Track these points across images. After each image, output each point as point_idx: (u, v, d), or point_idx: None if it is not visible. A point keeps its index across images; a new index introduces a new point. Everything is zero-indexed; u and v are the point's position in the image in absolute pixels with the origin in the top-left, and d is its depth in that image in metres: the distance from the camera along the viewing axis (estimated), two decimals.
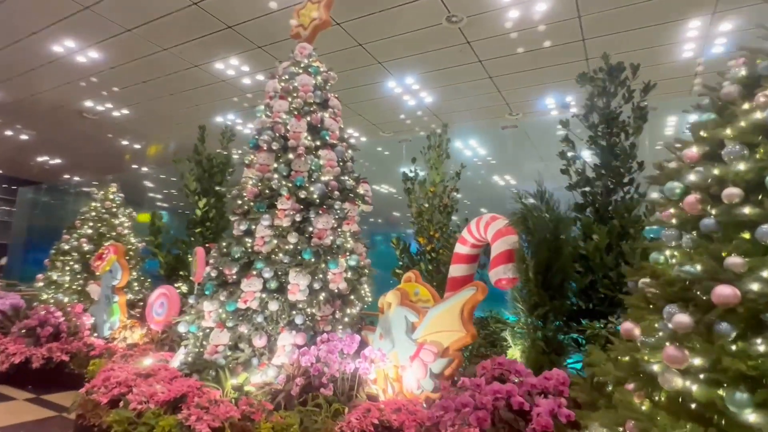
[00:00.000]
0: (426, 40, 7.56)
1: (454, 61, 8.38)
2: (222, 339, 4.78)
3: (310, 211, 5.14)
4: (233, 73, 8.98)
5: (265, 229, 5.08)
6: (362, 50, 8.17)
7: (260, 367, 4.63)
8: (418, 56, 8.26)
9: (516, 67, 8.39)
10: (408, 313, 4.47)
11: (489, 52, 8.00)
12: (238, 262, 5.08)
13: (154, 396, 3.82)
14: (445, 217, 5.99)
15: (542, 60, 8.07)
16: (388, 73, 8.95)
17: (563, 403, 2.24)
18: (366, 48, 8.09)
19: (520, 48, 7.62)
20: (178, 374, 4.37)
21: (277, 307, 4.87)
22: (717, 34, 7.29)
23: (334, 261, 5.06)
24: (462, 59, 8.26)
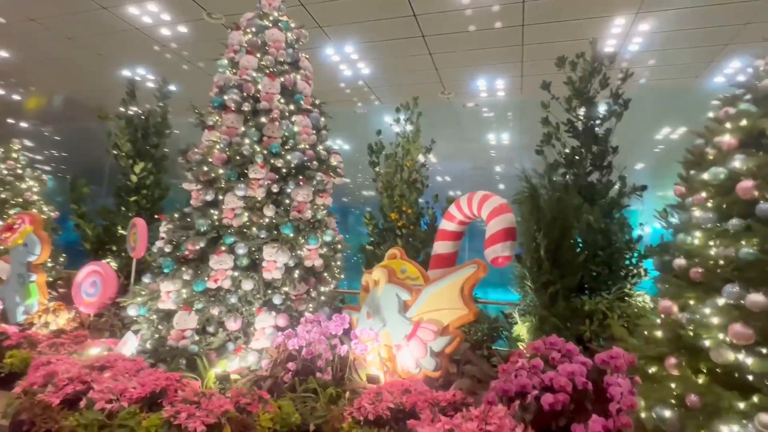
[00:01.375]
0: (372, 7, 7.08)
1: (397, 34, 8.03)
2: (189, 323, 4.24)
3: (288, 182, 4.69)
4: (150, 20, 7.71)
5: (236, 200, 4.54)
6: (303, 10, 7.51)
7: (236, 352, 4.20)
8: (362, 24, 7.76)
9: (456, 46, 8.24)
10: (399, 291, 4.32)
11: (433, 28, 7.75)
12: (205, 236, 4.50)
13: (125, 392, 3.26)
14: (416, 193, 5.87)
15: (481, 41, 8.02)
16: (327, 39, 8.37)
17: (637, 381, 2.29)
18: (307, 8, 7.43)
19: (464, 26, 7.45)
20: (144, 365, 3.79)
21: (252, 287, 4.43)
22: (636, 33, 7.74)
23: (314, 236, 4.71)
24: (406, 32, 7.95)
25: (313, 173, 4.78)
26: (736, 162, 2.54)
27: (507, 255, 4.17)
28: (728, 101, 2.81)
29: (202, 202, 4.79)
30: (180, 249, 4.67)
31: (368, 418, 3.21)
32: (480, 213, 4.44)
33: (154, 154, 6.61)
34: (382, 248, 5.89)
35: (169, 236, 4.75)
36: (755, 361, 2.19)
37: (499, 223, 4.23)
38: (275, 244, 4.49)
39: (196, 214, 4.66)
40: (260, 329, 4.29)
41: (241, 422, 3.19)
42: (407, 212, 5.77)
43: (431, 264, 4.93)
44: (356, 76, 9.82)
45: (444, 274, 4.12)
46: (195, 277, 4.37)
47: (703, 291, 2.50)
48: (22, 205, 6.42)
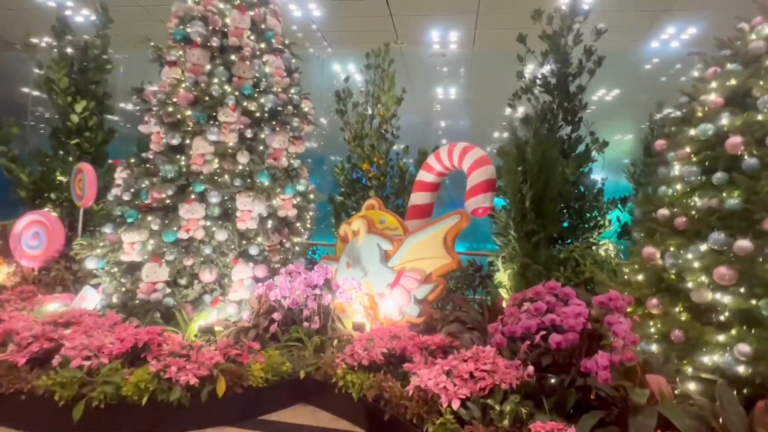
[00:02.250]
0: None
1: None
2: (160, 275, 3.99)
3: (263, 128, 4.41)
4: None
5: (207, 146, 4.22)
6: None
7: (213, 304, 4.06)
8: None
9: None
10: (380, 241, 4.33)
11: None
12: (173, 183, 4.17)
13: (102, 348, 3.06)
14: (387, 144, 5.76)
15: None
16: None
17: (636, 319, 2.49)
18: None
19: None
20: (117, 320, 3.55)
21: (226, 237, 4.23)
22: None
23: (290, 185, 4.53)
24: None
25: (289, 118, 4.52)
26: (723, 119, 2.71)
27: (487, 206, 4.28)
28: (715, 62, 2.96)
29: (165, 147, 4.41)
30: (141, 197, 4.32)
31: (362, 364, 3.27)
32: (461, 164, 4.47)
33: (95, 92, 5.90)
34: (352, 199, 5.81)
35: (128, 183, 4.36)
36: (732, 300, 2.45)
37: (480, 175, 4.29)
38: (250, 193, 4.27)
39: (159, 160, 4.28)
40: (238, 281, 4.14)
41: (234, 373, 3.12)
42: (379, 163, 5.68)
43: (408, 215, 4.95)
44: (308, 19, 9.24)
45: (426, 224, 4.16)
46: (164, 227, 4.08)
47: (686, 238, 2.72)
48: None
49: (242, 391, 3.10)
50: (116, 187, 4.62)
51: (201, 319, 3.76)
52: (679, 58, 9.24)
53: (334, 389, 3.24)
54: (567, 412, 2.45)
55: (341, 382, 3.21)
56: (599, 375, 2.12)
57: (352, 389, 3.15)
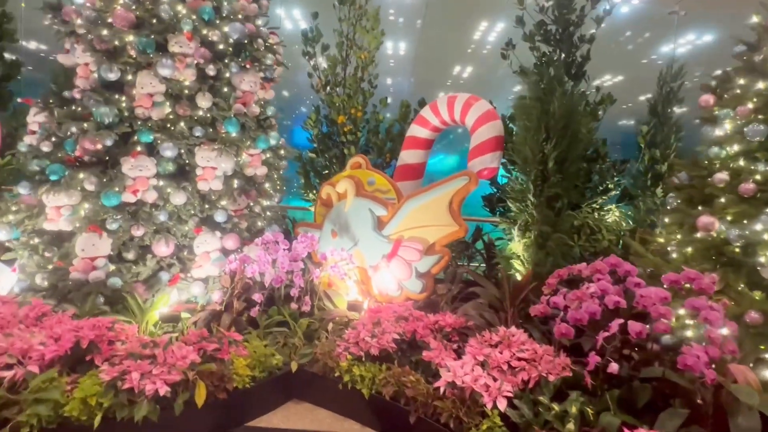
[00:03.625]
0: None
1: None
2: (101, 248, 3.14)
3: (229, 65, 3.53)
4: None
5: (156, 83, 3.30)
6: None
7: (172, 283, 3.29)
8: None
9: None
10: (372, 205, 3.73)
11: None
12: (112, 131, 3.24)
13: (29, 352, 2.26)
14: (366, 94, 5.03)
15: None
16: None
17: (727, 303, 2.15)
18: None
19: None
20: (46, 309, 2.71)
21: (185, 200, 3.42)
22: None
23: (263, 137, 3.75)
24: None
25: (261, 54, 3.67)
26: None
27: (495, 166, 3.80)
28: None
29: (97, 83, 3.42)
30: (66, 148, 3.36)
31: (370, 353, 2.75)
32: (463, 119, 3.92)
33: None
34: (326, 156, 5.09)
35: (47, 130, 3.36)
36: None
37: (488, 131, 3.78)
38: (215, 146, 3.45)
39: (90, 100, 3.31)
40: (203, 254, 3.38)
41: (215, 375, 2.47)
42: (357, 115, 4.97)
43: (397, 175, 4.36)
44: None
45: (427, 187, 3.60)
46: (102, 188, 3.18)
47: (753, 206, 2.40)
48: None
49: (225, 396, 2.46)
50: (30, 134, 3.60)
51: (161, 303, 3.00)
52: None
53: (337, 384, 2.70)
54: (636, 409, 2.10)
55: (347, 377, 2.67)
56: (707, 375, 1.75)
57: (362, 384, 2.63)
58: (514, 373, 2.44)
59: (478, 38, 18.92)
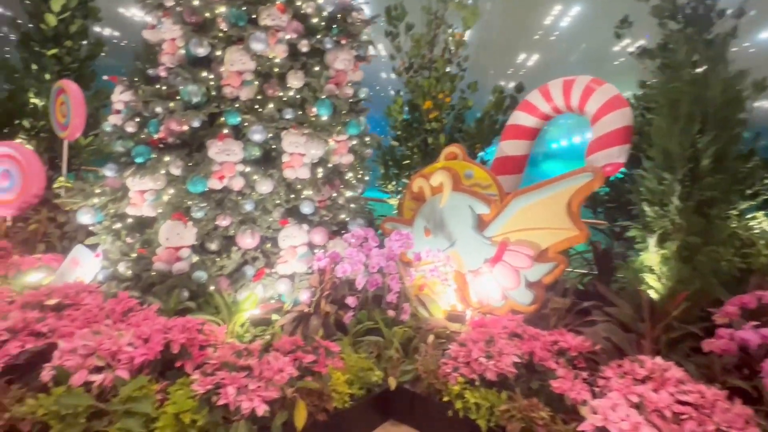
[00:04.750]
0: None
1: None
2: (186, 238, 2.91)
3: (324, 41, 3.18)
4: None
5: (247, 60, 3.01)
6: None
7: (256, 279, 3.03)
8: None
9: None
10: (473, 202, 3.30)
11: None
12: (199, 111, 2.99)
13: (118, 354, 2.03)
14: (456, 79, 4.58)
15: None
16: None
17: None
18: None
19: None
20: (132, 304, 2.50)
21: (271, 188, 3.14)
22: None
23: (354, 122, 3.40)
24: None
25: (358, 28, 3.31)
26: None
27: (621, 162, 3.26)
28: None
29: (183, 59, 3.19)
30: (150, 128, 3.16)
31: (485, 377, 2.35)
32: (583, 106, 3.39)
33: None
34: (409, 145, 4.70)
35: (133, 109, 3.17)
36: None
37: (615, 120, 3.23)
38: (305, 130, 3.13)
39: (177, 77, 3.08)
40: (288, 248, 3.09)
41: (314, 392, 2.15)
42: (445, 101, 4.53)
43: (495, 168, 3.89)
44: None
45: (540, 184, 3.12)
46: (188, 172, 2.95)
47: None
48: None
49: (325, 418, 2.14)
50: (115, 113, 3.44)
51: (249, 302, 2.73)
52: None
53: (446, 410, 2.32)
54: None
55: (459, 403, 2.29)
56: None
57: (477, 414, 2.23)
58: (677, 421, 1.96)
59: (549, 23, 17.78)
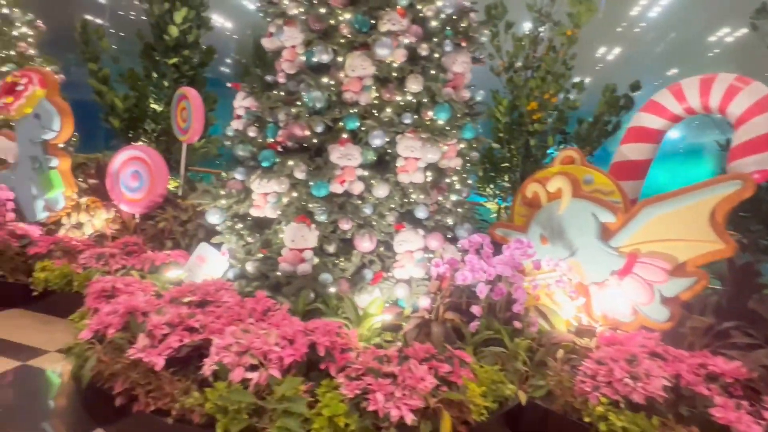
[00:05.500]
0: None
1: None
2: (309, 240, 2.99)
3: (443, 44, 3.15)
4: None
5: (369, 65, 3.04)
6: None
7: (374, 282, 3.05)
8: None
9: None
10: (596, 209, 3.11)
11: None
12: (322, 117, 3.06)
13: (269, 354, 2.10)
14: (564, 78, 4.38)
15: None
16: None
17: None
18: None
19: None
20: (270, 303, 2.59)
21: (387, 192, 3.14)
22: None
23: (470, 125, 3.33)
24: None
25: (476, 29, 3.24)
26: None
27: None
28: None
29: (303, 66, 3.27)
30: (268, 133, 3.28)
31: (630, 399, 2.19)
32: (725, 106, 3.09)
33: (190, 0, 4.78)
34: (511, 147, 4.56)
35: (253, 114, 3.31)
36: None
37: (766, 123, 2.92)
38: (422, 134, 3.11)
39: (302, 84, 3.17)
40: (405, 252, 3.09)
41: (453, 403, 2.12)
42: (551, 101, 4.34)
43: (613, 173, 3.66)
44: None
45: (678, 191, 2.89)
46: (312, 176, 3.03)
47: None
48: (16, 60, 4.69)
49: (466, 431, 2.10)
50: (236, 119, 3.61)
51: (374, 306, 2.75)
52: None
53: (585, 430, 2.20)
54: None
55: (603, 426, 2.15)
56: None
57: None
58: None
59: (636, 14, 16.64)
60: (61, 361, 2.77)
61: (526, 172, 4.65)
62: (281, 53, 3.54)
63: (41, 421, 2.27)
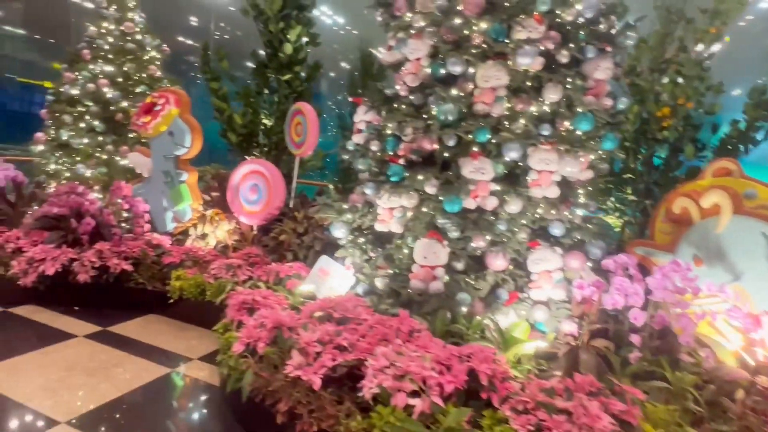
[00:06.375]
0: None
1: None
2: (441, 257, 2.90)
3: (587, 49, 2.95)
4: None
5: (503, 76, 2.90)
6: None
7: (509, 303, 2.88)
8: None
9: None
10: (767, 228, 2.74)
11: None
12: (455, 129, 2.96)
13: (428, 379, 2.01)
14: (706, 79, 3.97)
15: None
16: None
17: None
18: None
19: None
20: (415, 324, 2.52)
21: (520, 208, 2.97)
22: None
23: (611, 136, 3.08)
24: None
25: (621, 32, 3.00)
26: None
27: None
28: None
29: (428, 79, 3.21)
30: (388, 146, 3.25)
31: None
32: None
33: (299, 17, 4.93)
34: (638, 158, 4.21)
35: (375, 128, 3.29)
36: None
37: None
38: (560, 146, 2.92)
39: (425, 96, 3.11)
40: (542, 272, 2.90)
41: None
42: (687, 106, 3.96)
43: None
44: None
45: None
46: (444, 192, 2.94)
47: None
48: (147, 82, 5.09)
49: None
50: (357, 133, 3.62)
51: (520, 330, 2.59)
52: None
53: None
54: None
55: None
56: None
57: None
58: None
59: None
60: (205, 370, 2.89)
61: (653, 185, 4.28)
62: (401, 66, 3.54)
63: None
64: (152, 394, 2.59)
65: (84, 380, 2.61)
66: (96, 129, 4.79)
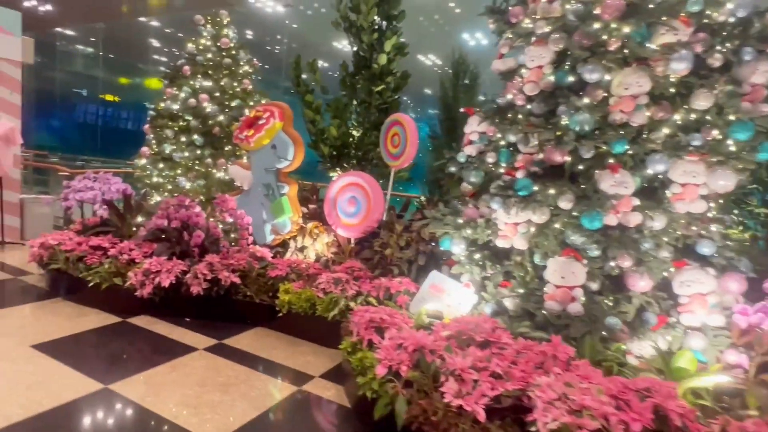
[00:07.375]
0: None
1: None
2: (579, 276, 2.71)
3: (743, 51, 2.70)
4: None
5: (645, 83, 2.70)
6: None
7: (656, 328, 2.65)
8: None
9: None
10: None
11: None
12: (591, 140, 2.78)
13: (609, 416, 1.84)
14: None
15: None
16: None
17: None
18: None
19: None
20: (570, 352, 2.35)
21: (664, 224, 2.75)
22: None
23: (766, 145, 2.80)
24: None
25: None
26: None
27: None
28: None
29: (546, 87, 3.04)
30: (501, 158, 3.11)
31: None
32: None
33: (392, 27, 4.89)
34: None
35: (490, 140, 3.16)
36: None
37: None
38: (711, 157, 2.67)
39: (550, 105, 2.94)
40: (695, 295, 2.65)
41: None
42: None
43: None
44: None
45: None
46: (580, 207, 2.75)
47: None
48: (241, 96, 5.21)
49: None
50: (468, 144, 3.50)
51: (685, 360, 2.36)
52: None
53: None
54: None
55: None
56: None
57: None
58: None
59: None
60: (331, 389, 2.82)
61: None
62: (514, 74, 3.40)
63: None
64: (289, 414, 2.55)
65: (220, 397, 2.60)
66: (195, 143, 4.95)
